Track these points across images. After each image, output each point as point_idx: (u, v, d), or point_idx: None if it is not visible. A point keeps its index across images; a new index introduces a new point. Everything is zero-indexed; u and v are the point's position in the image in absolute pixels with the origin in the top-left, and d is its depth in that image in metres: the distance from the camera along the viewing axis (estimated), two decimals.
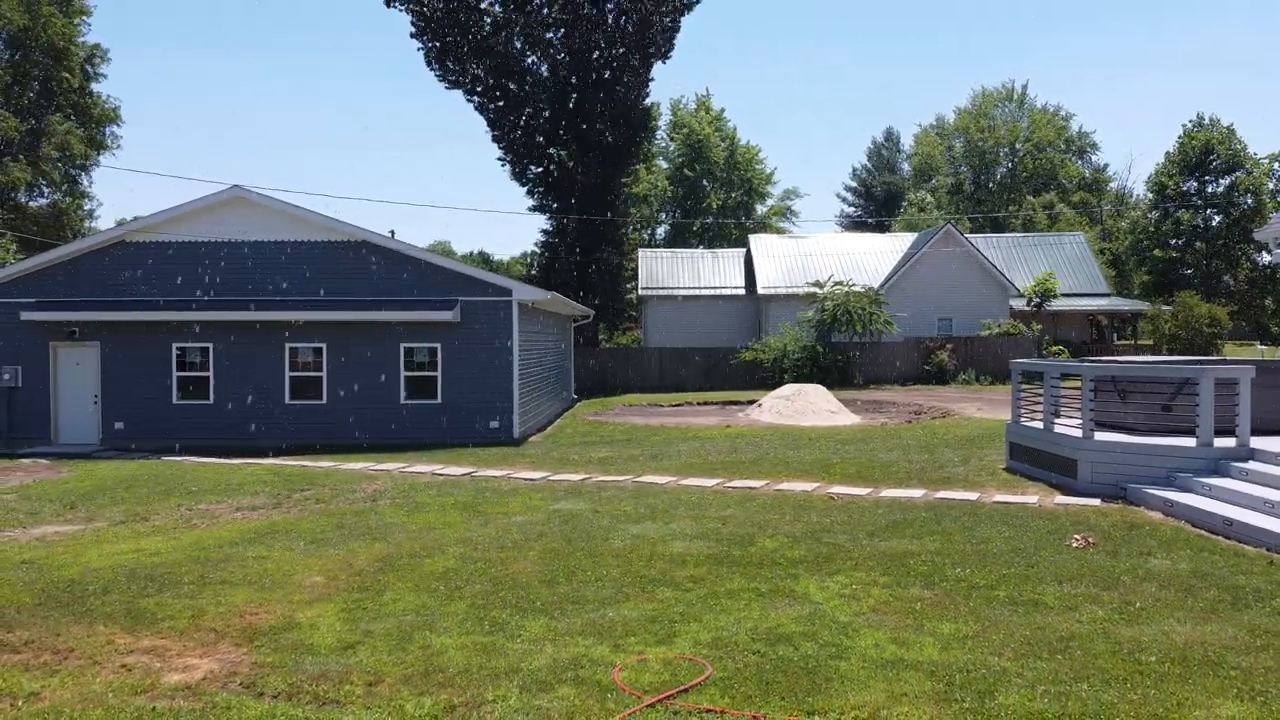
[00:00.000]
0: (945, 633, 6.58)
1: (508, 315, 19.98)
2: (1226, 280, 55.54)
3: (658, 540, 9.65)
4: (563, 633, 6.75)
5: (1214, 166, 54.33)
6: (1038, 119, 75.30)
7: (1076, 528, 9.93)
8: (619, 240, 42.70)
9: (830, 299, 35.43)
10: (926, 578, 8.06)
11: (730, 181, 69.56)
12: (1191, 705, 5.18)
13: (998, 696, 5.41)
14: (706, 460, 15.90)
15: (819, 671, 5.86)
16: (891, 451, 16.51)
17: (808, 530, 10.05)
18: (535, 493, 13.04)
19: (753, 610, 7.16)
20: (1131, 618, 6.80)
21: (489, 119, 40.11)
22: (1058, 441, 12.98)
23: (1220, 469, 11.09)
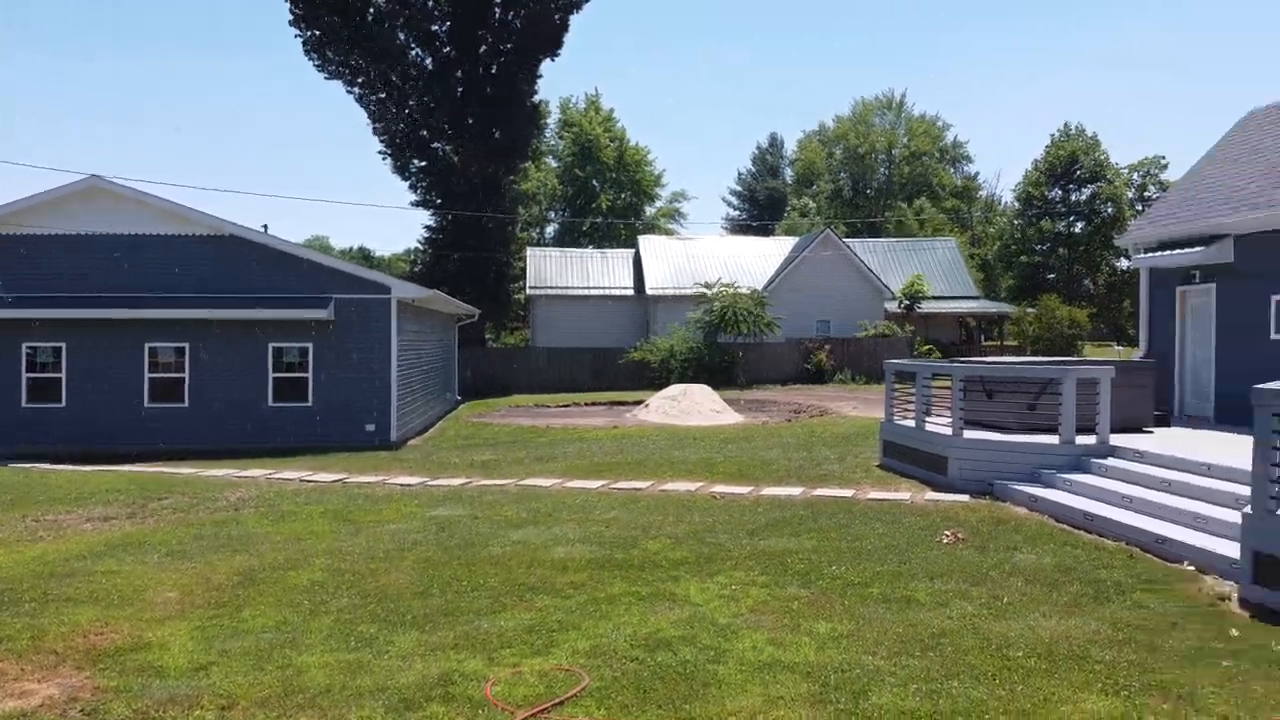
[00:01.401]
0: (822, 632, 6.60)
1: (385, 314, 19.38)
2: (1087, 284, 58.89)
3: (539, 546, 9.44)
4: (434, 647, 6.47)
5: (1078, 175, 57.51)
6: (915, 128, 78.21)
7: (947, 524, 10.20)
8: (506, 238, 42.16)
9: (718, 300, 35.87)
10: (804, 576, 8.10)
11: (620, 182, 69.70)
12: (1058, 700, 5.30)
13: (871, 696, 5.43)
14: (592, 462, 15.75)
15: (697, 677, 5.77)
16: (772, 450, 16.73)
17: (691, 531, 10.01)
18: (411, 499, 12.62)
19: (633, 615, 7.04)
20: (999, 613, 6.98)
21: (370, 111, 39.02)
22: (928, 439, 13.35)
23: (1082, 465, 11.58)
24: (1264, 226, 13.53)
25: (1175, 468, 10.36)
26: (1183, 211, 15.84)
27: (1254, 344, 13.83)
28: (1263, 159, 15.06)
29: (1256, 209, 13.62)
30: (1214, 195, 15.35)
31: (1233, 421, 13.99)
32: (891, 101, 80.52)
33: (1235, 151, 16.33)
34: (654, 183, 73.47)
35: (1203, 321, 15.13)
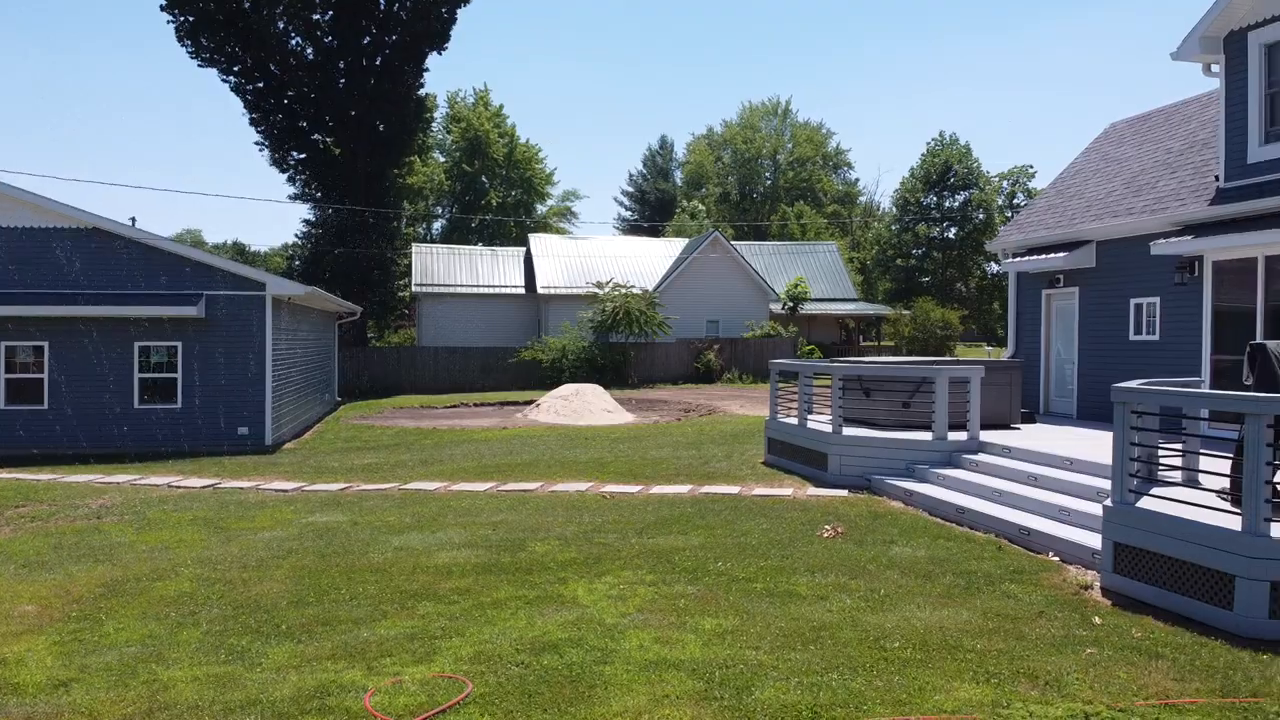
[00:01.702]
0: (707, 628, 6.65)
1: (260, 311, 18.61)
2: (960, 287, 61.60)
3: (422, 551, 9.21)
4: (310, 658, 6.22)
5: (951, 183, 60.08)
6: (799, 134, 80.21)
7: (827, 518, 10.45)
8: (391, 234, 41.17)
9: (610, 300, 35.93)
10: (691, 573, 8.16)
11: (510, 179, 69.04)
12: (932, 690, 5.47)
13: (755, 691, 5.49)
14: (481, 464, 15.50)
15: (583, 679, 5.72)
16: (662, 449, 16.83)
17: (580, 531, 9.95)
18: (287, 505, 12.15)
19: (519, 620, 6.93)
20: (877, 605, 7.17)
21: (246, 101, 37.48)
22: (811, 436, 13.67)
23: (954, 460, 12.06)
24: (1124, 233, 14.38)
25: (1041, 463, 10.89)
26: (1049, 218, 16.69)
27: (1114, 344, 14.69)
28: (1123, 169, 16.01)
29: (1117, 216, 14.47)
30: (1078, 203, 16.23)
31: (1094, 418, 14.84)
32: (778, 108, 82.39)
33: (1097, 162, 17.32)
34: (545, 181, 73.09)
35: (1066, 323, 15.99)
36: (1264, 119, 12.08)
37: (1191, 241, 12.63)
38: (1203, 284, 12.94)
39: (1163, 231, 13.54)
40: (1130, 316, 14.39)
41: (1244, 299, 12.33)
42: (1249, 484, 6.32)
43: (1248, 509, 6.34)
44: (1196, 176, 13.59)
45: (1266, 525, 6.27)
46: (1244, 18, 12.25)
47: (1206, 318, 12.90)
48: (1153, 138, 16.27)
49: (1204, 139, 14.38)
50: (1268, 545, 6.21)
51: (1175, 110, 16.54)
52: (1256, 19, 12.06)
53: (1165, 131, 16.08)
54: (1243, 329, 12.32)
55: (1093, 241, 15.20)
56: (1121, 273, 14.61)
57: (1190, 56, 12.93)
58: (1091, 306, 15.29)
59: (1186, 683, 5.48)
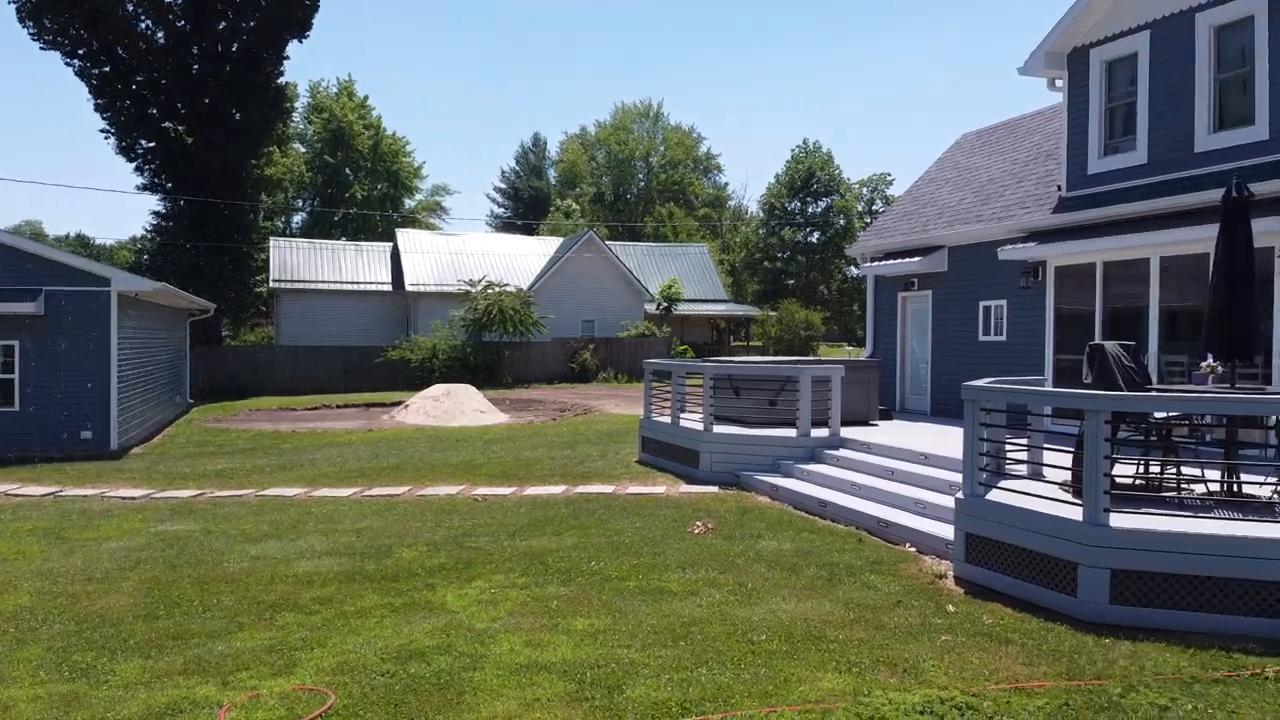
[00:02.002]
0: (579, 629, 6.62)
1: (105, 308, 17.45)
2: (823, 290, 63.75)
3: (282, 560, 8.83)
4: (161, 673, 5.86)
5: (815, 189, 62.10)
6: (671, 137, 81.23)
7: (698, 515, 10.59)
8: (247, 227, 39.31)
9: (484, 299, 35.41)
10: (564, 574, 8.11)
11: (376, 173, 67.18)
12: (797, 681, 5.60)
13: (626, 690, 5.49)
14: (344, 468, 15.00)
15: (452, 686, 5.59)
16: (537, 449, 16.71)
17: (450, 536, 9.75)
18: (135, 513, 11.44)
19: (385, 628, 6.72)
20: (745, 598, 7.31)
21: (92, 86, 35.14)
22: (683, 435, 13.85)
23: (817, 456, 12.44)
24: (974, 239, 15.17)
25: (897, 457, 11.36)
26: (904, 225, 17.44)
27: (965, 345, 15.47)
28: (974, 178, 16.89)
29: (967, 224, 15.24)
30: (931, 211, 17.02)
31: (946, 414, 15.60)
32: (650, 110, 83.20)
33: (949, 171, 18.20)
34: (413, 175, 71.49)
35: (921, 324, 16.74)
36: (1103, 132, 12.97)
37: (1036, 248, 13.44)
38: (1046, 288, 13.79)
39: (1010, 238, 14.36)
40: (980, 318, 15.19)
41: (1084, 302, 13.20)
42: (1089, 476, 6.75)
43: (1088, 500, 6.77)
44: (1041, 186, 14.47)
45: (1106, 515, 6.70)
46: (1086, 35, 13.12)
47: (1049, 320, 13.75)
48: (1000, 149, 17.23)
49: (1048, 150, 15.32)
50: (1107, 534, 6.65)
51: (1020, 123, 17.57)
52: (1098, 37, 12.94)
53: (1012, 143, 17.06)
54: (1083, 330, 13.19)
55: (945, 247, 15.98)
56: (972, 277, 15.41)
57: (1036, 72, 13.76)
58: (944, 309, 16.06)
59: (1035, 667, 5.80)
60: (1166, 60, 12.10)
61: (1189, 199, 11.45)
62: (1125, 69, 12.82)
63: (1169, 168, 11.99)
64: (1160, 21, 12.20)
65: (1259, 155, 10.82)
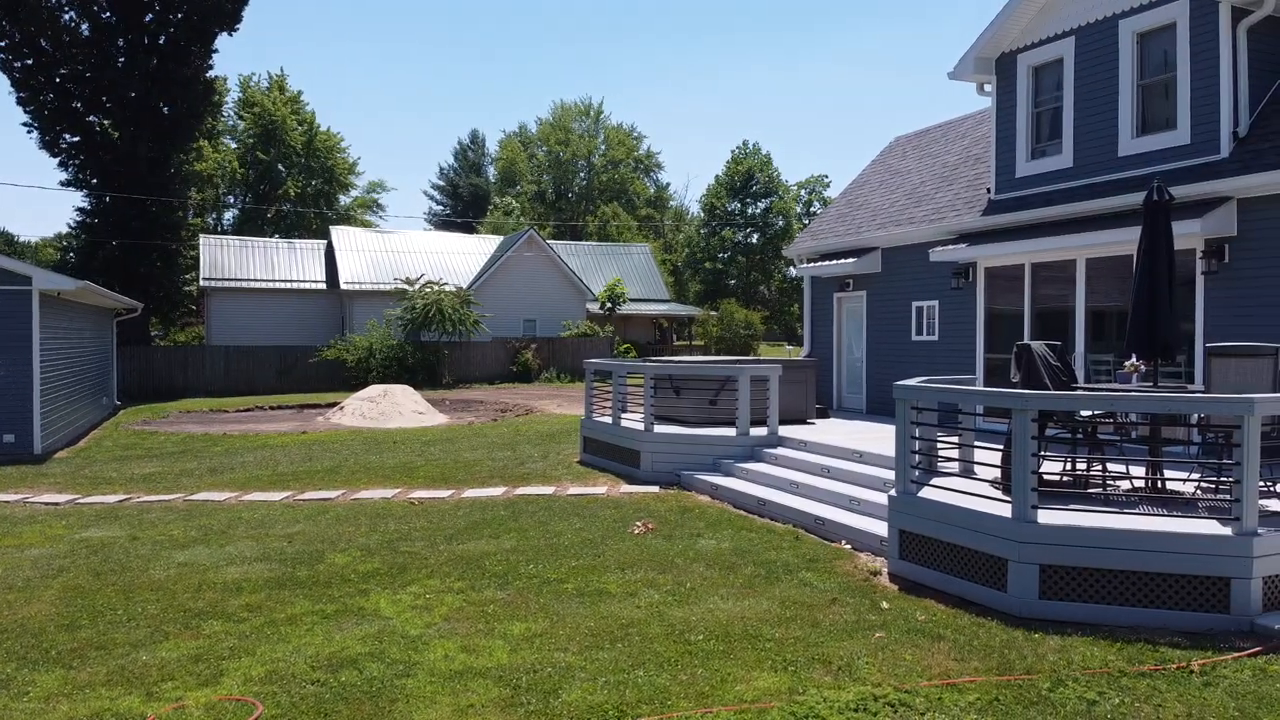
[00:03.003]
0: (516, 633, 6.55)
1: (25, 308, 16.78)
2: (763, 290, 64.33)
3: (210, 567, 8.58)
4: (83, 685, 5.65)
5: (754, 190, 62.62)
6: (612, 136, 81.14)
7: (639, 515, 10.58)
8: (176, 224, 38.20)
9: (422, 298, 34.92)
10: (501, 578, 8.03)
11: (310, 169, 65.89)
12: (733, 680, 5.62)
13: (562, 694, 5.45)
14: (276, 471, 14.66)
15: (383, 694, 5.49)
16: (476, 451, 16.54)
17: (384, 540, 9.58)
18: (58, 519, 11.03)
19: (315, 636, 6.57)
20: (683, 598, 7.31)
21: (13, 78, 33.85)
22: (624, 435, 13.84)
23: (755, 455, 12.53)
24: (906, 241, 15.42)
25: (833, 455, 11.50)
26: (839, 227, 17.66)
27: (898, 344, 15.72)
28: (905, 180, 17.17)
29: (900, 225, 15.49)
30: (865, 213, 17.26)
31: (881, 412, 15.84)
32: (590, 108, 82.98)
33: (882, 174, 18.48)
34: (348, 171, 70.28)
35: (856, 324, 16.97)
36: (1031, 136, 13.28)
37: (966, 249, 13.71)
38: (976, 289, 14.08)
39: (941, 240, 14.63)
40: (913, 318, 15.45)
41: (1013, 303, 13.51)
42: (1017, 474, 6.89)
43: (1017, 497, 6.91)
44: (971, 189, 14.77)
45: (1034, 512, 6.85)
46: (1014, 41, 13.42)
47: (980, 320, 14.04)
48: (931, 152, 17.55)
49: (977, 154, 15.65)
50: (1036, 530, 6.80)
51: (951, 126, 17.92)
52: (1025, 42, 13.25)
53: (943, 146, 17.39)
54: (1013, 330, 13.50)
55: (879, 249, 16.22)
56: (904, 278, 15.67)
57: (965, 76, 14.04)
58: (878, 309, 16.31)
59: (966, 662, 5.90)
60: (1091, 66, 12.44)
61: (1113, 202, 11.78)
62: (1051, 74, 13.15)
63: (1094, 171, 12.33)
64: (1085, 28, 12.53)
65: (1181, 159, 11.19)
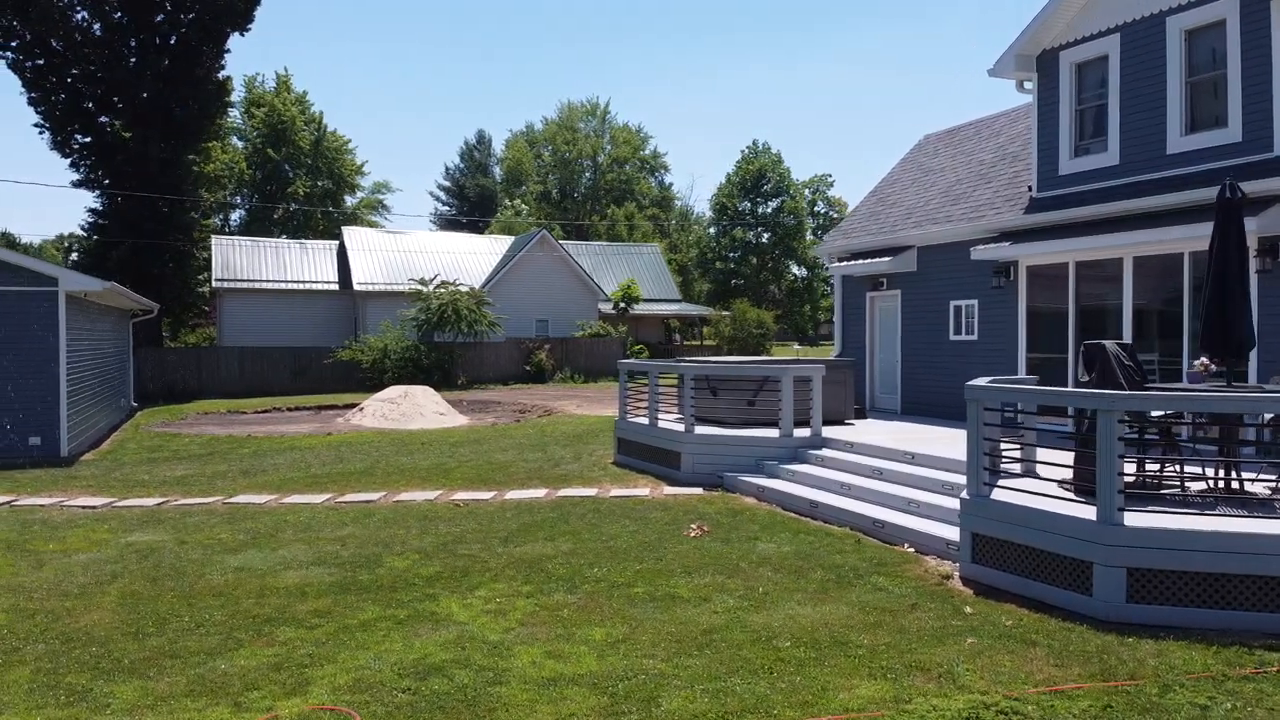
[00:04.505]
0: (597, 639, 6.44)
1: (52, 309, 16.67)
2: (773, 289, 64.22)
3: (266, 572, 8.47)
4: (164, 696, 5.53)
5: (765, 190, 62.49)
6: (618, 135, 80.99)
7: (689, 517, 10.47)
8: (188, 225, 38.12)
9: (437, 298, 34.79)
10: (567, 581, 7.91)
11: (317, 169, 65.76)
12: (834, 689, 5.50)
13: (661, 702, 5.33)
14: (310, 473, 14.54)
15: (479, 702, 5.37)
16: (507, 452, 16.42)
17: (439, 543, 9.47)
18: (100, 523, 10.91)
19: (394, 642, 6.46)
20: (758, 604, 7.19)
21: (25, 79, 33.76)
22: (662, 436, 13.72)
23: (800, 456, 12.40)
24: (943, 239, 15.29)
25: (883, 457, 11.37)
26: (871, 225, 17.54)
27: (935, 344, 15.59)
28: (939, 178, 17.04)
29: (937, 223, 15.36)
30: (898, 211, 17.13)
31: (916, 413, 15.71)
32: (596, 108, 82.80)
33: (913, 172, 18.36)
34: (355, 172, 70.17)
35: (890, 324, 16.85)
36: (1074, 134, 13.16)
37: (1009, 248, 13.59)
38: (1018, 287, 13.96)
39: (981, 238, 14.50)
40: (950, 317, 15.32)
41: (1056, 301, 13.39)
42: (1103, 476, 6.77)
43: (1102, 500, 6.79)
44: (1010, 187, 14.64)
45: (1120, 515, 6.73)
46: (1056, 38, 13.30)
47: (1021, 319, 13.92)
48: (964, 150, 17.43)
49: (1014, 152, 15.52)
50: (1122, 533, 6.67)
51: (984, 124, 17.80)
52: (1069, 39, 13.13)
53: (976, 144, 17.26)
54: (1054, 329, 13.38)
55: (914, 247, 16.10)
56: (941, 276, 15.54)
57: (1005, 74, 13.91)
58: (914, 308, 16.18)
59: (1067, 668, 5.78)
60: (1137, 63, 12.32)
61: (1162, 200, 11.67)
62: (1095, 71, 13.03)
63: (1141, 169, 12.21)
64: (1131, 25, 12.41)
65: (1232, 157, 11.06)
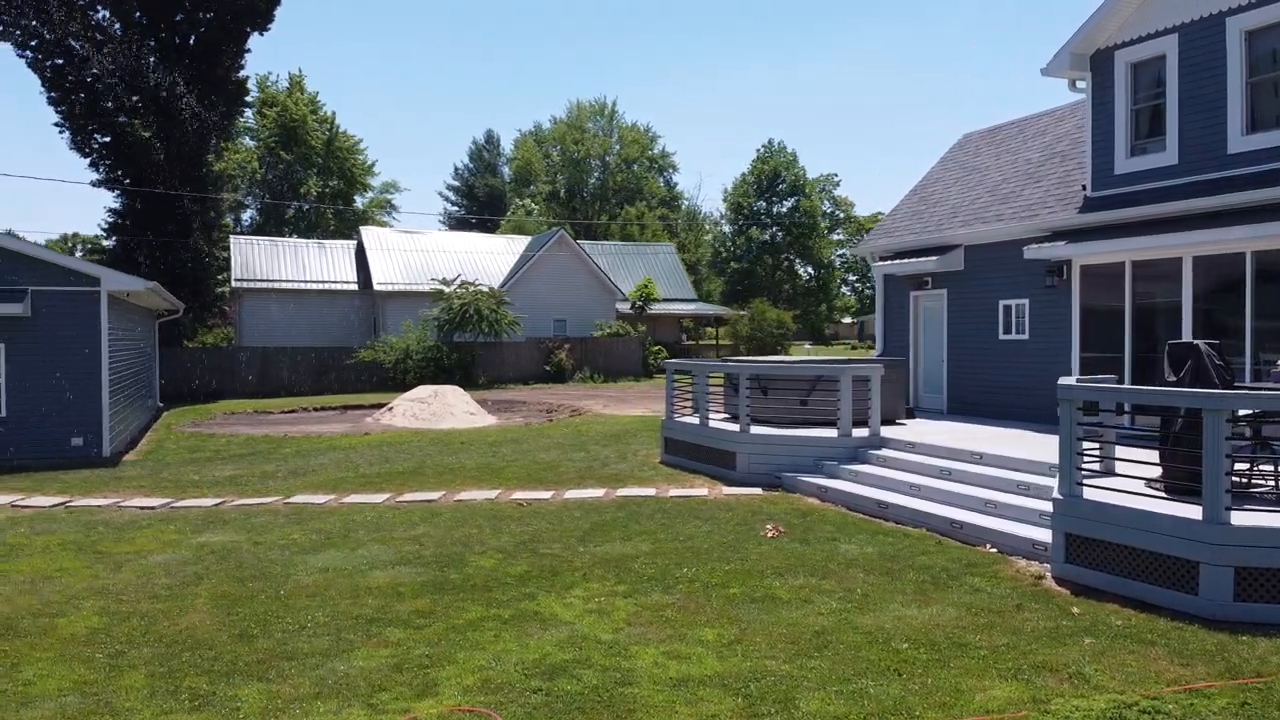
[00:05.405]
0: (710, 639, 6.42)
1: (95, 309, 16.65)
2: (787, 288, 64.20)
3: (353, 572, 8.45)
4: (292, 699, 5.51)
5: (780, 189, 62.45)
6: (626, 135, 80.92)
7: (757, 518, 10.45)
8: (209, 224, 38.12)
9: (459, 298, 34.76)
10: (659, 582, 7.89)
11: (329, 169, 65.79)
12: (969, 690, 5.48)
13: (799, 704, 5.31)
14: (359, 473, 14.52)
15: (616, 703, 5.35)
16: (549, 452, 16.40)
17: (517, 542, 9.45)
18: (164, 524, 10.89)
19: (507, 641, 6.44)
20: (861, 605, 7.17)
21: (45, 78, 33.77)
22: (716, 436, 13.69)
23: (859, 456, 12.37)
24: (993, 238, 15.25)
25: (949, 457, 11.33)
26: (915, 224, 17.50)
27: (983, 343, 15.55)
28: (984, 177, 17.00)
29: (986, 222, 15.33)
30: (943, 210, 17.10)
31: (963, 413, 15.67)
32: (604, 108, 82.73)
33: (956, 171, 18.32)
34: (366, 171, 70.24)
35: (935, 323, 16.80)
36: (1130, 133, 13.12)
37: (1064, 247, 13.55)
38: (1071, 286, 13.92)
39: (1033, 237, 14.46)
40: (1000, 317, 15.28)
41: (1110, 300, 13.35)
42: (1209, 476, 6.75)
43: (1209, 499, 6.77)
44: (1061, 186, 14.61)
45: (1227, 514, 6.71)
46: (1111, 37, 13.27)
47: (1075, 318, 13.88)
48: (1009, 149, 17.39)
49: (1063, 151, 15.49)
50: (1230, 533, 6.66)
51: (1028, 123, 17.76)
52: (1124, 39, 13.10)
53: (1020, 143, 17.22)
54: (1108, 328, 13.35)
55: (961, 246, 16.06)
56: (990, 275, 15.50)
57: (1059, 73, 13.88)
58: (961, 307, 16.14)
59: (1192, 667, 5.76)
60: (1196, 63, 12.28)
61: (1223, 199, 11.63)
62: (1151, 71, 12.99)
63: (1201, 168, 12.17)
64: (1189, 25, 12.38)
65: None
